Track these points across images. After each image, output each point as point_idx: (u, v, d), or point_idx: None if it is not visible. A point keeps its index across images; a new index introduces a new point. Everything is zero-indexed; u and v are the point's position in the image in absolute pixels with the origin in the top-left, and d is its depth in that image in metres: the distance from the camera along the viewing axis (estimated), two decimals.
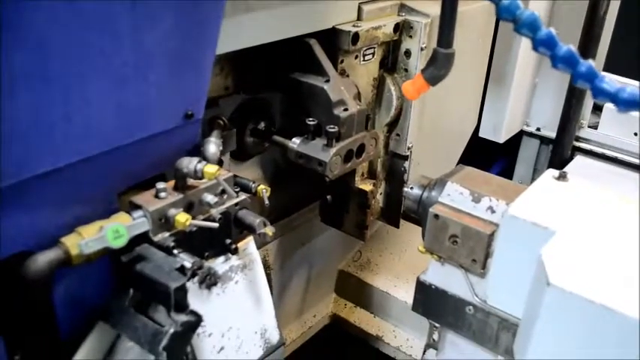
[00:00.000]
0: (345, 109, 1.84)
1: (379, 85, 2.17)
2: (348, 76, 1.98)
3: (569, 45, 1.19)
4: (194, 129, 1.48)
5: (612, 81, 1.17)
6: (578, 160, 2.77)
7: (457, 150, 2.72)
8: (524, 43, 2.55)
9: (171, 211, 1.35)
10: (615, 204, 1.45)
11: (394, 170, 2.33)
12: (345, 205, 2.25)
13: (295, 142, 1.86)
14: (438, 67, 1.40)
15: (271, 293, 2.32)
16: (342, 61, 1.95)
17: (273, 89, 1.99)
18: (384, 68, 2.16)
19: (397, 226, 2.37)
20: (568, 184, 1.53)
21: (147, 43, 1.26)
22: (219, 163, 1.54)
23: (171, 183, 1.41)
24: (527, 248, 1.36)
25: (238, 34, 1.59)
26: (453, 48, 1.39)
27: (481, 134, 2.82)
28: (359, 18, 1.98)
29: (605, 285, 1.16)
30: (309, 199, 2.40)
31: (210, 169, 1.35)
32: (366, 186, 2.21)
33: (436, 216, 1.55)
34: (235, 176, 1.60)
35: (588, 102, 2.73)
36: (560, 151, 2.71)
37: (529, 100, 2.86)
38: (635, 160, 2.67)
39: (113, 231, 1.21)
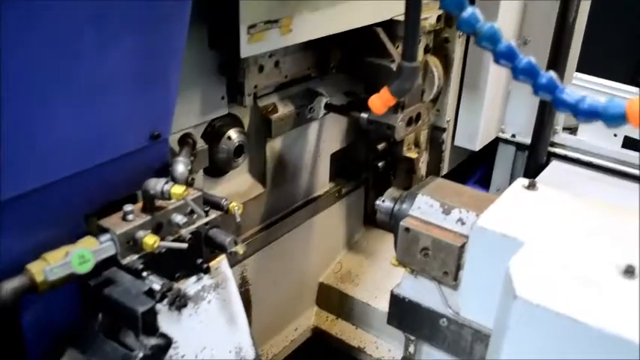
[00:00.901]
0: None
1: (424, 67, 2.54)
2: None
3: (529, 57, 1.19)
4: (161, 149, 1.48)
5: (573, 92, 1.17)
6: (554, 165, 2.78)
7: None
8: None
9: (139, 234, 1.34)
10: (584, 212, 1.45)
11: (435, 141, 2.84)
12: (394, 171, 2.68)
13: (366, 113, 2.19)
14: (404, 80, 1.41)
15: (250, 308, 2.34)
16: (397, 47, 2.28)
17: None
18: (428, 53, 2.55)
19: None
20: (537, 194, 1.53)
21: (110, 63, 1.26)
22: (189, 182, 1.53)
23: (140, 204, 1.40)
24: (497, 259, 1.36)
25: (322, 24, 1.94)
26: (418, 61, 1.39)
27: (456, 143, 2.83)
28: None
29: (572, 296, 1.16)
30: (287, 213, 2.40)
31: (178, 189, 1.35)
32: (412, 154, 2.61)
33: (407, 229, 1.55)
34: (205, 194, 1.60)
35: None
36: (535, 157, 2.71)
37: (503, 106, 2.87)
38: (611, 165, 2.69)
39: (79, 256, 1.20)
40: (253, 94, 2.00)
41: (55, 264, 1.19)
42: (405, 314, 1.65)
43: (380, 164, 2.68)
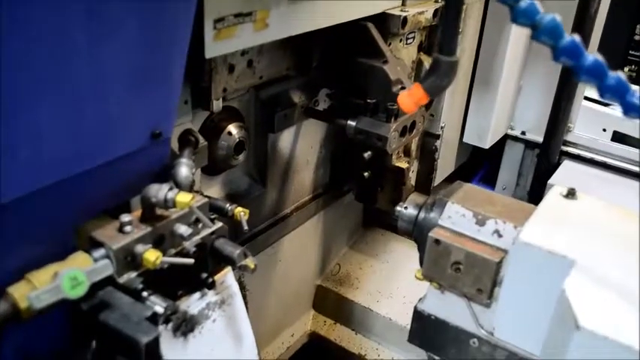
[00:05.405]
0: (402, 88, 1.88)
1: (417, 67, 2.33)
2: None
3: (595, 55, 1.04)
4: (162, 149, 1.30)
5: None
6: (566, 165, 2.64)
7: None
8: (511, 44, 2.42)
9: (139, 248, 1.16)
10: (632, 225, 1.32)
11: (426, 148, 2.58)
12: (381, 183, 2.30)
13: (354, 121, 1.92)
14: (440, 76, 1.24)
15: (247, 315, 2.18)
16: (389, 44, 2.07)
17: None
18: (422, 51, 2.33)
19: None
20: (578, 203, 1.39)
21: (106, 57, 1.07)
22: (192, 186, 1.36)
23: (138, 213, 1.22)
24: (543, 278, 1.23)
25: (304, 17, 1.66)
26: (457, 56, 1.23)
27: (465, 140, 2.68)
28: (403, 4, 2.10)
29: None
30: (285, 214, 2.24)
31: (184, 198, 1.17)
32: (402, 164, 2.30)
33: (437, 241, 1.39)
34: (209, 198, 1.42)
35: (577, 105, 2.60)
36: (547, 157, 2.57)
37: (514, 103, 2.72)
38: (625, 165, 2.57)
39: (70, 279, 1.02)
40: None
41: (43, 289, 1.01)
42: (430, 332, 1.50)
43: (365, 174, 2.32)
